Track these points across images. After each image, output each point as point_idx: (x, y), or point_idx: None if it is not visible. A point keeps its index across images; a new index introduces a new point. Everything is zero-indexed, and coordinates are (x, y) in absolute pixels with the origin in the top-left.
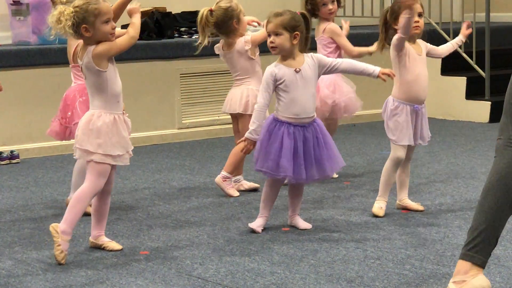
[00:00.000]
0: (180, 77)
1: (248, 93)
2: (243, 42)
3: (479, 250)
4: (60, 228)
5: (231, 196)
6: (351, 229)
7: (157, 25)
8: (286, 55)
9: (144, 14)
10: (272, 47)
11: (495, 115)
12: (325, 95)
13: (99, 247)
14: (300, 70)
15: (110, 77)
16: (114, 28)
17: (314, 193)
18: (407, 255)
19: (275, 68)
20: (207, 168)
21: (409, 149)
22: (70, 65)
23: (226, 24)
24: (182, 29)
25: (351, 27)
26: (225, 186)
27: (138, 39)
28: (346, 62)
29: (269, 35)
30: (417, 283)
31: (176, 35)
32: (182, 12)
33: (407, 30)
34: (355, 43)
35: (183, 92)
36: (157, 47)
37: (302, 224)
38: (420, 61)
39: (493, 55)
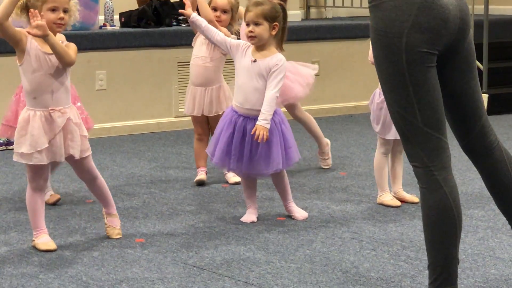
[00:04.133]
0: (178, 65)
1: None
2: None
3: (448, 283)
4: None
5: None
6: (347, 220)
7: (156, 13)
8: (260, 45)
9: (143, 2)
10: (250, 37)
11: (492, 108)
12: None
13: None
14: (255, 61)
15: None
16: (61, 19)
17: (310, 183)
18: (403, 246)
19: (246, 44)
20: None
21: (400, 141)
22: None
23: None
24: (181, 17)
25: (349, 17)
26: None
27: (136, 27)
28: (267, 96)
29: (248, 24)
30: (412, 274)
31: (174, 23)
32: (181, 1)
33: None
34: (353, 34)
35: (180, 80)
36: (155, 35)
37: (298, 214)
38: None
39: (491, 48)
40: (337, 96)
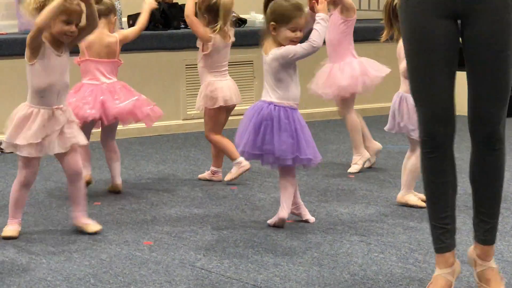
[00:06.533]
0: (186, 68)
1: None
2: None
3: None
4: None
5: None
6: (355, 223)
7: (164, 15)
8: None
9: None
10: (294, 41)
11: None
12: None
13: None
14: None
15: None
16: (72, 32)
17: (318, 186)
18: (411, 249)
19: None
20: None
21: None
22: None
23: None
24: None
25: (357, 20)
26: (235, 174)
27: (144, 29)
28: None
29: (296, 30)
30: (420, 277)
31: (183, 26)
32: None
33: None
34: (361, 37)
35: (188, 83)
36: (163, 38)
37: (306, 214)
38: None
39: None
40: None
